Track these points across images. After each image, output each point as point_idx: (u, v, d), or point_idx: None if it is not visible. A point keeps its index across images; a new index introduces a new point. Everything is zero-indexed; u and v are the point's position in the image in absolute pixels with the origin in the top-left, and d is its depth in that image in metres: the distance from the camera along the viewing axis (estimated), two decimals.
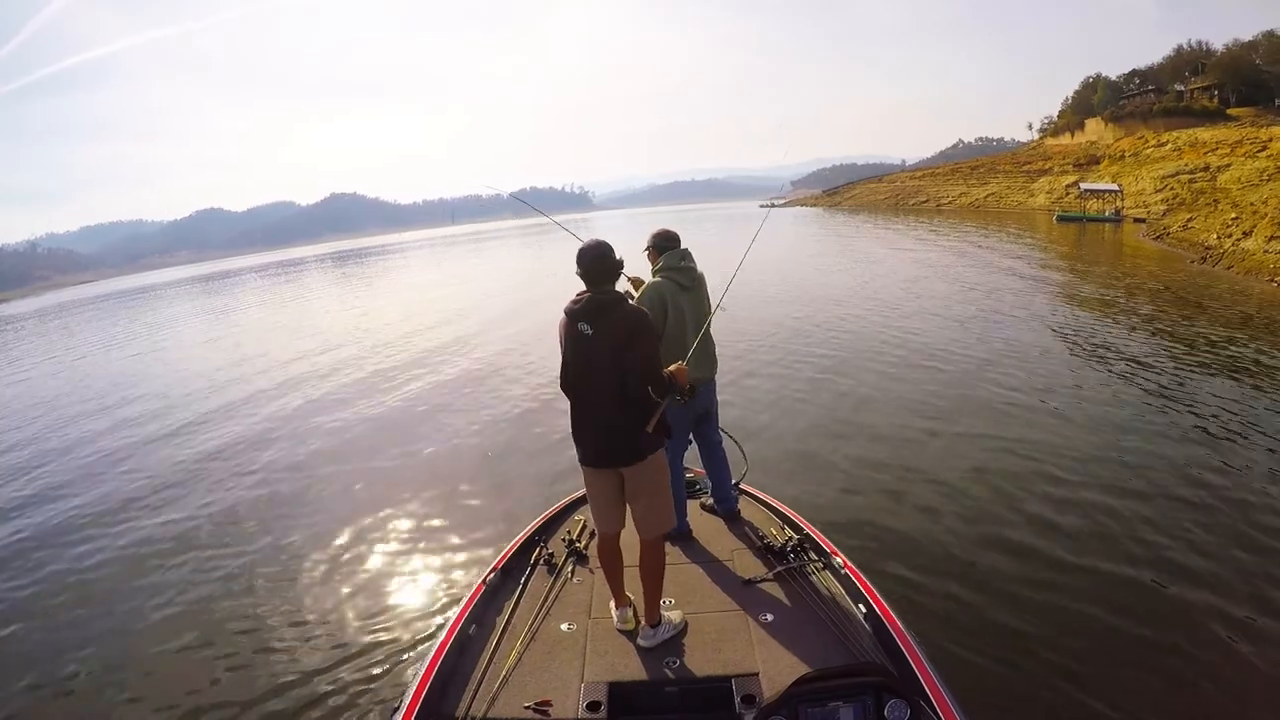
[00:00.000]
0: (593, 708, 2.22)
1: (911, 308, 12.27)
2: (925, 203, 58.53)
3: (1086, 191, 36.13)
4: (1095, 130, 59.31)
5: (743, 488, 3.74)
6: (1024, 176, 53.37)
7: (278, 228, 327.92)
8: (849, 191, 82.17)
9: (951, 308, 11.98)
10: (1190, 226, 21.33)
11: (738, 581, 2.91)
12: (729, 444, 3.68)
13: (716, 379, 3.46)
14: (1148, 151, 43.63)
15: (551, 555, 3.14)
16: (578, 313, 2.48)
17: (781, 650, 2.44)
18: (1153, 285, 13.61)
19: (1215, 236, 17.94)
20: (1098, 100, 65.64)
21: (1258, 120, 43.24)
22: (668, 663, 2.44)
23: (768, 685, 2.26)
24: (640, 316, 2.52)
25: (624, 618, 2.66)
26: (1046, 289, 13.91)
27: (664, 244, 3.28)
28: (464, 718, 2.23)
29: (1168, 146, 42.54)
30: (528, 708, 2.23)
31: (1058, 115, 72.85)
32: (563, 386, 2.62)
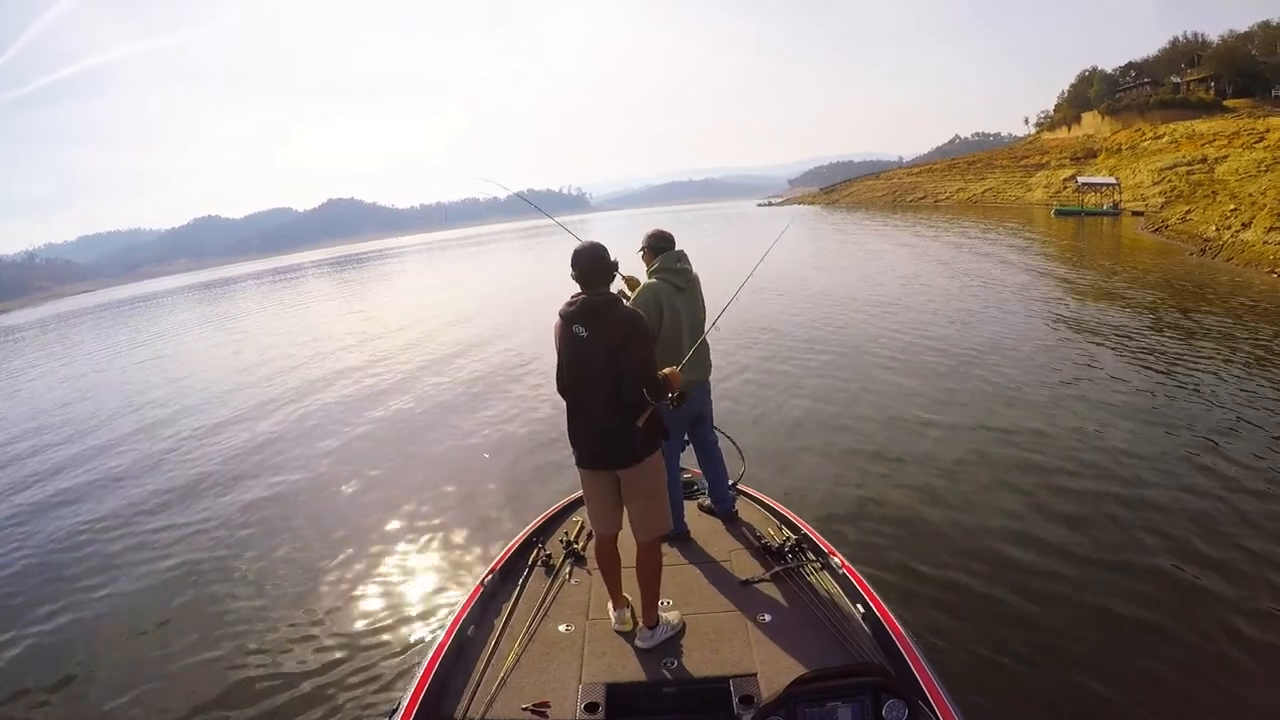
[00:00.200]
0: (591, 709, 2.22)
1: (910, 303, 12.25)
2: (923, 199, 58.51)
3: (1084, 185, 36.04)
4: (1092, 124, 59.20)
5: (740, 488, 3.73)
6: (1021, 171, 53.29)
7: (275, 234, 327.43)
8: (846, 189, 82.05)
9: (950, 303, 11.97)
10: (1189, 219, 21.28)
11: (735, 582, 2.90)
12: (726, 444, 3.68)
13: (711, 380, 3.45)
14: (1145, 144, 43.51)
15: (549, 556, 3.14)
16: (572, 315, 2.47)
17: (779, 651, 2.43)
18: (1152, 278, 13.58)
19: (1214, 228, 17.89)
20: (1094, 93, 65.65)
21: (1254, 111, 43.14)
22: (665, 664, 2.43)
23: (766, 686, 2.25)
24: (636, 318, 2.51)
25: (622, 619, 2.66)
26: (1045, 283, 13.87)
27: (659, 245, 3.26)
28: (462, 719, 2.23)
29: (1165, 139, 42.41)
30: (526, 709, 2.23)
31: (1054, 109, 72.83)
32: (559, 389, 2.62)
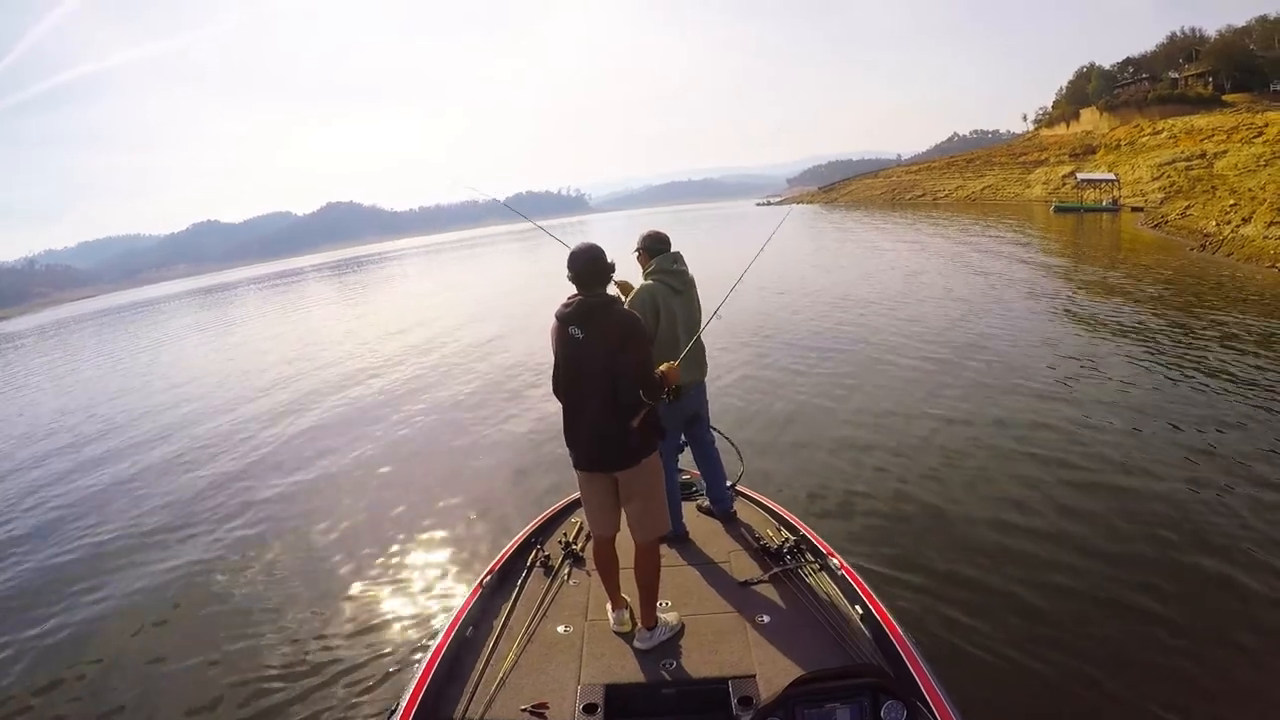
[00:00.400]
0: (589, 710, 2.21)
1: (910, 300, 12.25)
2: (922, 197, 58.49)
3: (1083, 181, 36.06)
4: (1090, 120, 59.24)
5: (739, 489, 3.72)
6: (1020, 168, 53.30)
7: (275, 239, 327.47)
8: (845, 187, 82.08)
9: (949, 300, 11.96)
10: (1188, 214, 21.26)
11: (734, 583, 2.89)
12: (725, 445, 3.67)
13: (708, 380, 3.44)
14: (1143, 140, 43.48)
15: (548, 557, 3.13)
16: (569, 316, 2.46)
17: (778, 652, 2.43)
18: (1152, 274, 13.56)
19: (1214, 223, 17.86)
20: (1092, 90, 65.61)
21: (1253, 106, 43.15)
22: (664, 665, 2.43)
23: (764, 687, 2.25)
24: (632, 320, 2.50)
25: (620, 620, 2.65)
26: (1045, 279, 13.86)
27: (655, 246, 3.24)
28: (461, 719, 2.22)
29: (1163, 134, 42.38)
30: (524, 710, 2.23)
31: (1052, 106, 72.82)
32: (555, 391, 2.61)
